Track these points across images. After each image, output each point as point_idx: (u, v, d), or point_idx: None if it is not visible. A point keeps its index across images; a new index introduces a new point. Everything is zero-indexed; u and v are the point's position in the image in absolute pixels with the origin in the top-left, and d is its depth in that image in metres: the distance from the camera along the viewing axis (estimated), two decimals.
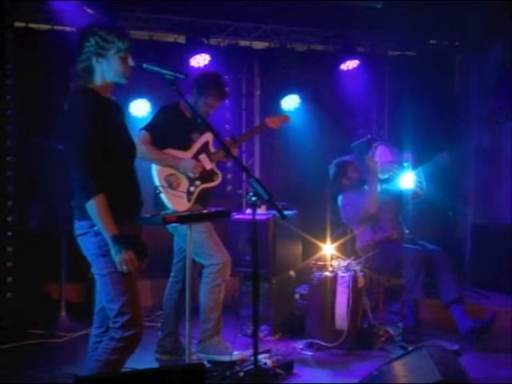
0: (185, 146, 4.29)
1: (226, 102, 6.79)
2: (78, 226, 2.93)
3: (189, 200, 4.22)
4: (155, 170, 4.19)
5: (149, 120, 4.37)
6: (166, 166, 4.19)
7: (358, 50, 6.76)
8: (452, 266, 4.94)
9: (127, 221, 2.90)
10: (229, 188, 6.83)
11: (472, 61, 6.99)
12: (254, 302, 2.89)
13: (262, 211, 4.99)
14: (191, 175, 4.24)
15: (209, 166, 4.34)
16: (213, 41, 6.38)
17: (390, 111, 7.38)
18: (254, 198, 2.81)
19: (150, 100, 5.86)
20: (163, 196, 4.14)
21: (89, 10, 5.33)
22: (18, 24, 5.59)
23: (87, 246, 2.91)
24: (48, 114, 5.16)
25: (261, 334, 4.86)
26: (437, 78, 6.94)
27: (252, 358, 2.91)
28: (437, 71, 6.95)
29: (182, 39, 6.23)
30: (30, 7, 5.55)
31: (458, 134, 7.04)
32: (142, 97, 5.86)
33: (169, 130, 4.22)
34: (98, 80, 2.91)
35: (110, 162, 2.87)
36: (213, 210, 3.91)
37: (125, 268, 2.81)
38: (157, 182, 4.16)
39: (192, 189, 4.25)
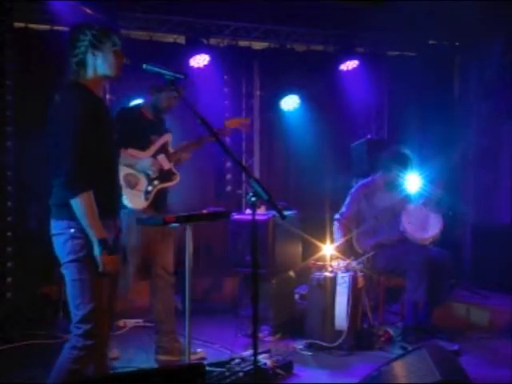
0: (143, 147, 4.36)
1: (226, 102, 6.84)
2: (55, 225, 2.90)
3: (146, 199, 4.30)
4: None
5: None
6: (124, 164, 4.19)
7: (358, 50, 6.78)
8: (453, 271, 4.95)
9: (107, 220, 2.89)
10: (228, 188, 6.86)
11: (472, 61, 7.00)
12: (253, 302, 2.89)
13: (261, 211, 5.02)
14: (150, 174, 4.32)
15: (167, 165, 4.43)
16: (212, 41, 6.40)
17: (389, 111, 7.41)
18: (253, 199, 2.81)
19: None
20: (122, 194, 4.21)
21: (88, 11, 5.33)
22: (17, 24, 5.61)
23: (61, 247, 2.87)
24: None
25: (260, 335, 4.86)
26: (436, 78, 6.95)
27: (252, 358, 2.91)
28: (436, 71, 6.96)
29: (181, 39, 6.26)
30: (30, 7, 5.55)
31: (458, 133, 7.05)
32: (141, 97, 5.86)
33: (127, 131, 4.22)
34: (90, 74, 2.90)
35: (97, 159, 2.84)
36: (212, 210, 3.92)
37: (106, 269, 2.79)
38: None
39: (150, 188, 4.33)
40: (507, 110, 6.25)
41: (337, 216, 5.19)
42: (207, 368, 3.84)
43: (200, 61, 6.10)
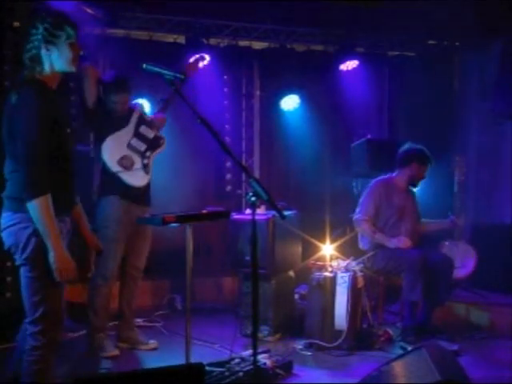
0: (123, 125, 4.51)
1: (226, 102, 6.86)
2: (15, 218, 2.79)
3: (146, 172, 4.51)
4: (106, 156, 4.40)
5: None
6: (115, 150, 4.41)
7: (358, 50, 6.78)
8: (451, 272, 4.93)
9: (64, 216, 2.86)
10: (228, 188, 6.88)
11: (471, 61, 7.00)
12: (253, 302, 2.89)
13: (261, 211, 5.02)
14: (141, 149, 4.50)
15: (151, 134, 4.60)
16: (212, 41, 6.41)
17: (389, 111, 7.41)
18: (253, 198, 2.82)
19: (150, 100, 5.86)
20: (123, 178, 4.40)
21: (89, 11, 5.34)
22: (17, 24, 5.60)
23: (25, 240, 2.79)
24: None
25: (260, 334, 4.87)
26: (436, 78, 6.95)
27: (252, 358, 2.93)
28: (436, 71, 6.97)
29: (181, 39, 6.27)
30: (30, 7, 5.55)
31: (458, 134, 7.05)
32: (142, 97, 5.86)
33: (105, 119, 4.46)
34: (47, 70, 2.82)
35: (54, 155, 2.78)
36: (212, 210, 3.93)
37: (63, 276, 2.74)
38: (113, 169, 4.39)
39: (145, 161, 4.53)
40: (507, 109, 6.25)
41: (361, 216, 5.08)
42: (207, 368, 3.83)
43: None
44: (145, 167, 4.50)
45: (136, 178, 4.45)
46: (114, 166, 4.38)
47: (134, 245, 4.57)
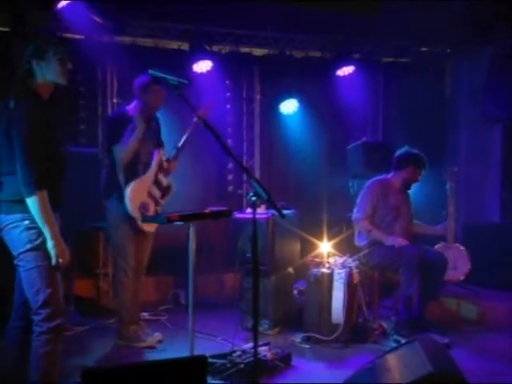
0: (147, 165, 4.62)
1: (228, 106, 6.96)
2: (7, 219, 3.04)
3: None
4: (129, 200, 4.46)
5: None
6: (137, 195, 4.49)
7: (354, 56, 6.85)
8: (445, 269, 5.05)
9: (54, 213, 3.07)
10: (230, 188, 6.95)
11: (462, 67, 7.08)
12: (254, 297, 2.97)
13: (261, 210, 5.08)
14: (157, 196, 4.63)
15: (165, 182, 4.73)
16: (215, 48, 6.48)
17: (384, 115, 7.49)
18: (254, 198, 2.93)
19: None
20: (138, 222, 4.50)
21: (97, 19, 5.47)
22: (27, 30, 5.74)
23: (17, 237, 3.03)
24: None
25: (260, 328, 4.95)
26: (429, 83, 7.04)
27: (252, 350, 3.03)
28: (429, 77, 7.06)
29: (185, 46, 6.33)
30: (39, 15, 5.68)
31: (449, 136, 7.14)
32: None
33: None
34: (39, 81, 3.11)
35: (47, 156, 3.04)
36: (215, 209, 4.06)
37: (61, 261, 2.99)
38: (132, 214, 4.47)
39: (158, 209, 4.64)
40: (496, 113, 6.32)
41: (360, 215, 5.20)
42: (210, 360, 3.87)
43: (203, 66, 6.19)
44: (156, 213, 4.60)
45: (145, 224, 4.51)
46: (133, 211, 4.45)
47: (138, 243, 4.65)
